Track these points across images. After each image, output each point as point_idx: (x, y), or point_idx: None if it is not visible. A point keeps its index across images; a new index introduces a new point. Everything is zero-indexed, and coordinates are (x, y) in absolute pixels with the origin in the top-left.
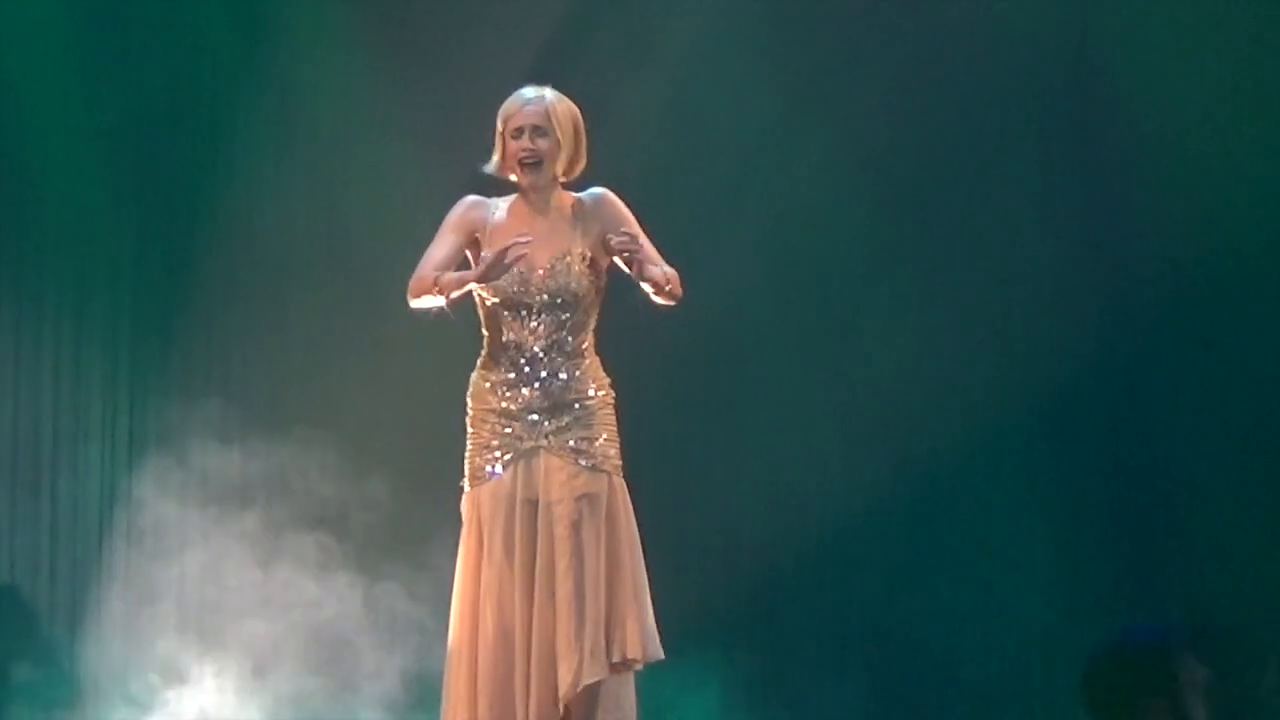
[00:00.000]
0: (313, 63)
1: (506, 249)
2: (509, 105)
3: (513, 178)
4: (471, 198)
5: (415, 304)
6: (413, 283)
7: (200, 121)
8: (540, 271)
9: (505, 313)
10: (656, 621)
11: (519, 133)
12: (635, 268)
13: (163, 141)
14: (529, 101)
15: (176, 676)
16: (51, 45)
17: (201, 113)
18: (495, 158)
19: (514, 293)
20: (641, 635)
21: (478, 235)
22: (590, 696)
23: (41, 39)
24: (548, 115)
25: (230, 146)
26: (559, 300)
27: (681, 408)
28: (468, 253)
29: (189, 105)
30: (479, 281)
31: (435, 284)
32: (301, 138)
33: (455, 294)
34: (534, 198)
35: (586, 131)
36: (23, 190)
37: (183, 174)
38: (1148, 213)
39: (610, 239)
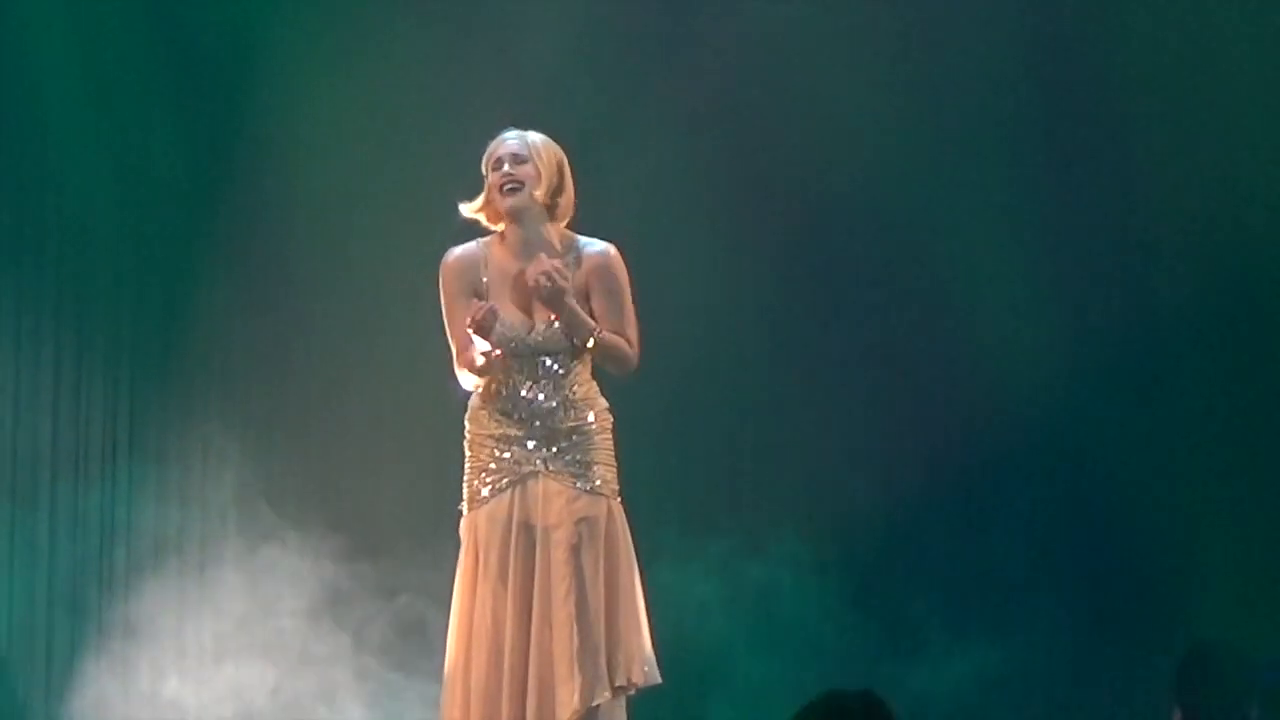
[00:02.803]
0: (317, 78)
1: (483, 319)
2: (490, 146)
3: (499, 226)
4: (451, 259)
5: (475, 381)
6: (460, 370)
7: (201, 139)
8: (535, 330)
9: (503, 356)
10: (653, 646)
11: (499, 163)
12: (554, 311)
13: (164, 163)
14: (507, 138)
15: (175, 710)
16: (54, 68)
17: (202, 130)
18: (480, 199)
19: (510, 348)
20: (642, 659)
21: (477, 289)
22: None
23: (46, 60)
24: (526, 145)
25: (232, 166)
26: (553, 350)
27: (680, 429)
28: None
29: (190, 124)
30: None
31: (474, 369)
32: (304, 155)
33: (484, 364)
34: (522, 232)
35: (573, 168)
36: (23, 212)
37: (183, 193)
38: (1166, 224)
39: (529, 274)
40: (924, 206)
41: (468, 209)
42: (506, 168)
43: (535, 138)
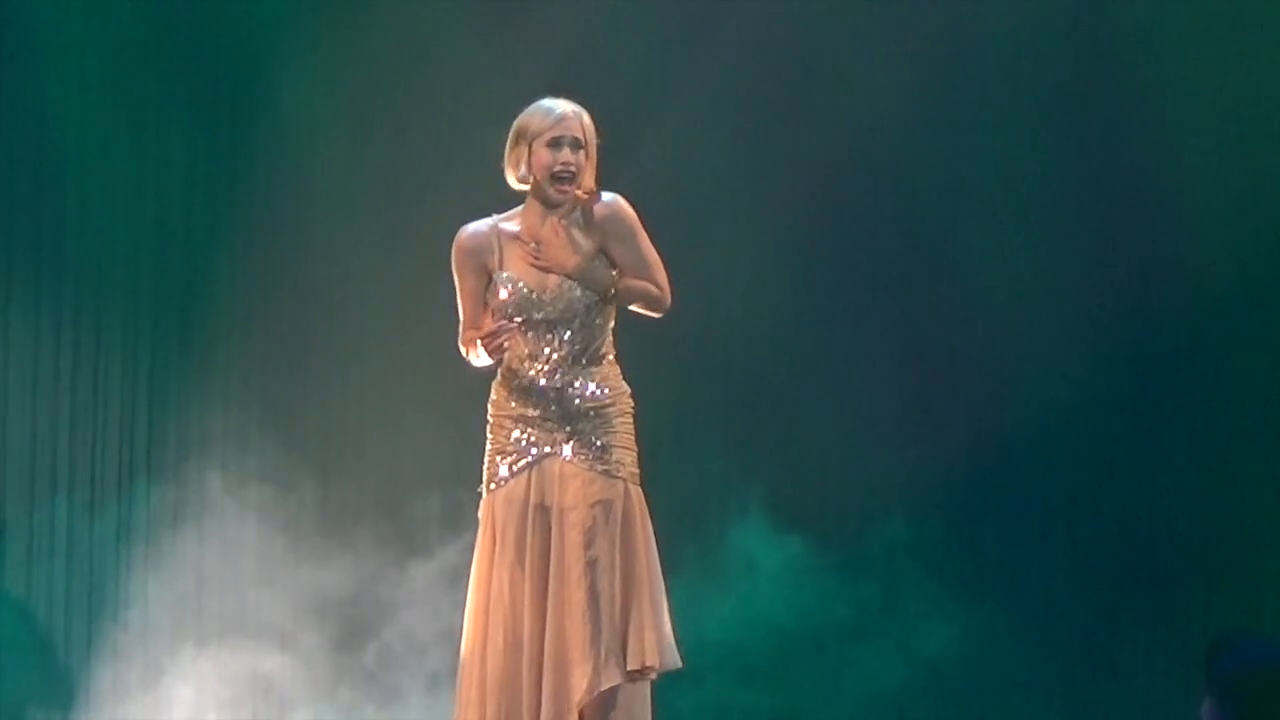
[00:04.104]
0: (333, 58)
1: (496, 334)
2: (541, 118)
3: (523, 187)
4: (463, 236)
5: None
6: (462, 346)
7: (221, 129)
8: (549, 291)
9: (521, 325)
10: (674, 631)
11: (557, 144)
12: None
13: (184, 152)
14: (566, 116)
15: (190, 697)
16: (70, 51)
17: (219, 119)
18: (520, 169)
19: (525, 311)
20: (659, 643)
21: (489, 266)
22: (604, 704)
23: (65, 53)
24: (583, 129)
25: (250, 152)
26: (568, 316)
27: (701, 415)
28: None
29: (207, 113)
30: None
31: (467, 347)
32: (321, 137)
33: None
34: (547, 208)
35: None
36: (42, 199)
37: (201, 180)
38: (1170, 219)
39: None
40: (952, 188)
41: (516, 183)
42: (567, 153)
43: (587, 119)
